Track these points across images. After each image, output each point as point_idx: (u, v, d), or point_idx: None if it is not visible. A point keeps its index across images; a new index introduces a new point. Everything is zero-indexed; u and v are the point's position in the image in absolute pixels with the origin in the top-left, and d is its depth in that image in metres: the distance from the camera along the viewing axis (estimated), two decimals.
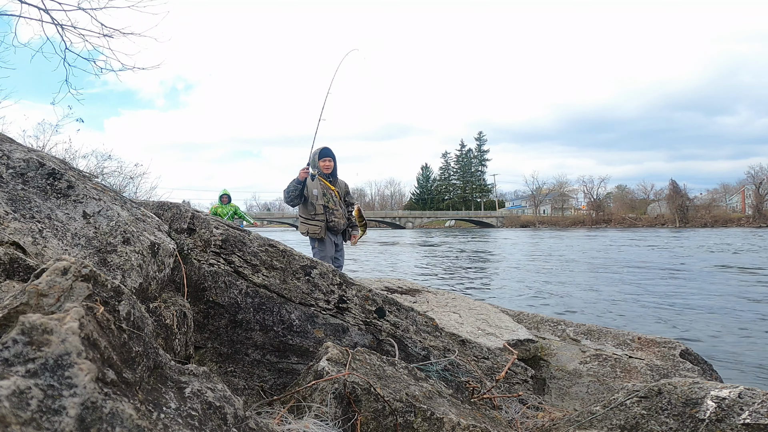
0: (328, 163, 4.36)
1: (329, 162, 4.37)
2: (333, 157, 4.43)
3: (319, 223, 4.27)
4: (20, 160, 1.38)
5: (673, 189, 64.70)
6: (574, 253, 17.45)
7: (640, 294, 8.07)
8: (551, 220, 70.26)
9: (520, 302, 7.44)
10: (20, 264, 1.10)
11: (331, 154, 4.42)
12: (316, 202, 4.28)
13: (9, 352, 0.60)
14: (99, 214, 1.41)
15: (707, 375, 2.83)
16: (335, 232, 4.36)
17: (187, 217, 1.88)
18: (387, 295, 2.08)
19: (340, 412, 1.23)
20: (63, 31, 4.90)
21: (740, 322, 5.86)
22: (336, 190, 4.38)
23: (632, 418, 1.38)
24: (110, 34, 4.90)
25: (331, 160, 4.40)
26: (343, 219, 4.37)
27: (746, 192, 63.90)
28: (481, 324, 2.96)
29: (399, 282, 3.95)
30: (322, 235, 4.28)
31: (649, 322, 5.95)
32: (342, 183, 4.51)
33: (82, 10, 4.77)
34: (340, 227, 4.35)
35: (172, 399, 0.81)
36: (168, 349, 1.32)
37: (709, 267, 12.02)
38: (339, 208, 4.33)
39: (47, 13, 4.73)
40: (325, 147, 4.43)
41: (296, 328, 1.77)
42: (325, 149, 4.41)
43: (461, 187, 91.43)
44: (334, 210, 4.30)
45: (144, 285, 1.36)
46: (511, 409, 1.79)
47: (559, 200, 79.95)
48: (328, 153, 4.41)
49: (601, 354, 2.85)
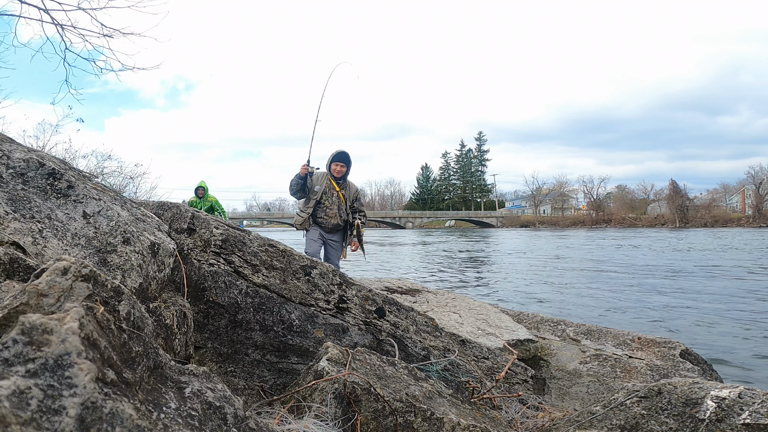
0: (340, 168, 4.40)
1: (341, 167, 4.41)
2: (347, 162, 4.45)
3: (304, 215, 4.36)
4: (20, 160, 1.38)
5: (673, 189, 64.70)
6: (574, 253, 17.45)
7: (640, 294, 8.07)
8: (551, 220, 70.26)
9: (520, 302, 7.43)
10: (20, 264, 1.10)
11: (345, 160, 4.45)
12: (313, 196, 4.37)
13: (9, 352, 0.60)
14: (99, 214, 1.41)
15: (707, 375, 2.83)
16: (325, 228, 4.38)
17: (187, 217, 1.88)
18: (387, 295, 2.08)
19: (340, 412, 1.23)
20: (63, 31, 4.90)
21: (740, 322, 5.86)
22: (342, 192, 4.42)
23: (632, 418, 1.38)
24: (110, 34, 4.90)
25: (344, 165, 4.43)
26: (336, 219, 4.37)
27: (746, 192, 63.90)
28: (481, 324, 2.96)
29: (399, 282, 3.95)
30: (305, 227, 4.36)
31: (649, 322, 5.95)
32: (353, 188, 4.53)
33: (82, 10, 4.77)
34: (329, 225, 4.35)
35: (172, 399, 0.81)
36: (168, 349, 1.32)
37: (708, 267, 12.02)
38: (334, 208, 4.36)
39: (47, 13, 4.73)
40: (341, 151, 4.47)
41: (296, 328, 1.77)
42: (340, 154, 4.45)
43: (461, 187, 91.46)
44: (328, 208, 4.35)
45: (144, 285, 1.36)
46: (511, 409, 1.79)
47: (559, 200, 79.98)
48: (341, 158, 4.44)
49: (601, 354, 2.85)
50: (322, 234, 4.39)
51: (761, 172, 60.53)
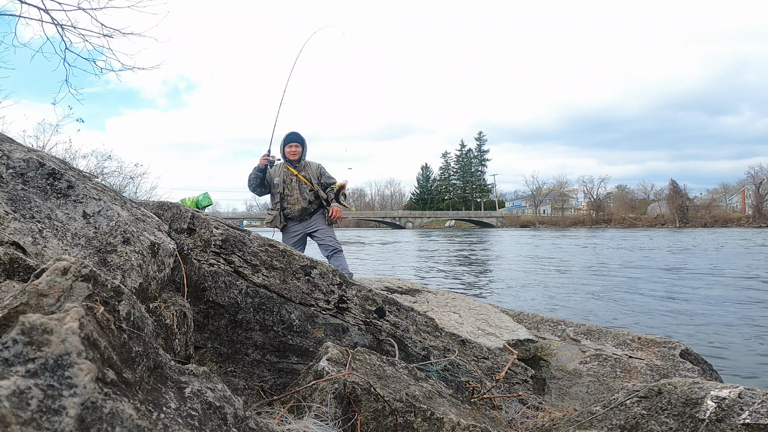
0: (294, 149, 4.12)
1: (295, 147, 4.13)
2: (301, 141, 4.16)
3: (274, 212, 4.14)
4: (20, 160, 1.38)
5: (673, 189, 64.74)
6: (573, 253, 17.45)
7: (640, 294, 8.07)
8: (551, 220, 70.27)
9: (520, 302, 7.43)
10: (20, 264, 1.10)
11: (298, 139, 4.15)
12: (275, 191, 4.14)
13: (9, 352, 0.60)
14: (99, 214, 1.41)
15: (707, 375, 2.83)
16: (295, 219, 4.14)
17: (187, 217, 1.88)
18: (387, 295, 2.08)
19: (340, 412, 1.23)
20: (63, 31, 4.91)
21: (740, 322, 5.86)
22: (302, 175, 4.13)
23: (632, 418, 1.38)
24: (110, 34, 4.91)
25: (299, 145, 4.14)
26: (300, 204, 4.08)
27: (746, 192, 63.91)
28: (481, 324, 2.96)
29: (399, 282, 3.95)
30: (277, 225, 4.14)
31: (649, 322, 5.95)
32: (314, 166, 4.20)
33: (82, 10, 4.77)
34: (295, 213, 4.10)
35: (172, 399, 0.81)
36: (168, 349, 1.32)
37: (708, 267, 12.02)
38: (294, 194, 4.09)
39: (47, 13, 4.74)
40: (291, 132, 4.18)
41: (296, 328, 1.77)
42: (291, 134, 4.16)
43: (461, 187, 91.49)
44: (289, 196, 4.10)
45: (144, 285, 1.36)
46: (511, 409, 1.79)
47: (559, 200, 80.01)
48: (294, 138, 4.14)
49: (601, 354, 2.85)
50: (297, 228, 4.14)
51: (761, 172, 60.57)
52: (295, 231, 4.18)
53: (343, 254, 4.21)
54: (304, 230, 4.19)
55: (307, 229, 4.19)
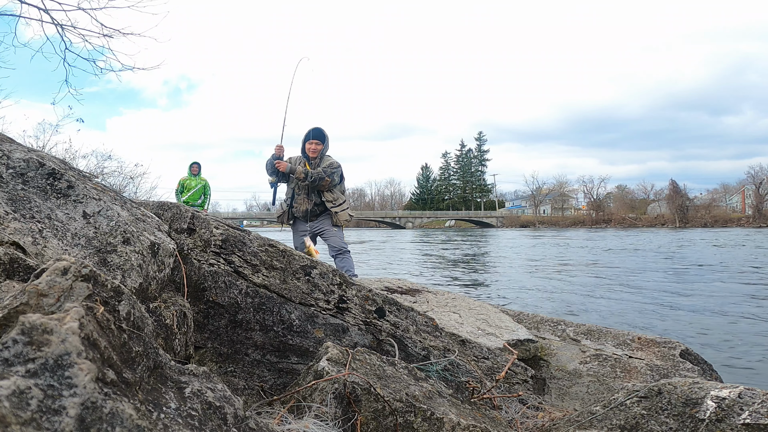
0: (314, 146, 4.01)
1: (315, 145, 4.00)
2: (322, 138, 4.03)
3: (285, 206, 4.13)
4: (20, 160, 1.38)
5: (673, 189, 64.75)
6: (573, 253, 17.45)
7: (640, 294, 8.06)
8: (551, 220, 70.27)
9: (520, 302, 7.43)
10: (20, 264, 1.10)
11: (319, 136, 4.00)
12: (289, 185, 4.09)
13: (9, 352, 0.60)
14: (99, 214, 1.41)
15: (707, 375, 2.82)
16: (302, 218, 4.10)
17: (187, 217, 1.88)
18: (387, 295, 2.08)
19: (340, 412, 1.23)
20: (63, 31, 4.91)
21: (740, 322, 5.86)
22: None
23: (632, 418, 1.38)
24: (110, 34, 4.91)
25: (319, 143, 4.01)
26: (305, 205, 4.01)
27: (746, 192, 63.91)
28: (481, 324, 2.96)
29: (399, 282, 3.95)
30: (283, 220, 4.13)
31: (649, 322, 5.95)
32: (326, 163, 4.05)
33: (82, 10, 4.78)
34: (300, 213, 4.05)
35: (172, 399, 0.81)
36: (168, 349, 1.32)
37: (708, 267, 12.02)
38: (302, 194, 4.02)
39: (47, 13, 4.74)
40: (313, 128, 4.04)
41: (296, 328, 1.77)
42: (312, 130, 4.02)
43: (461, 187, 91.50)
44: (297, 194, 4.05)
45: (144, 285, 1.36)
46: (511, 409, 1.79)
47: (559, 200, 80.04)
48: (315, 134, 4.00)
49: (601, 354, 2.85)
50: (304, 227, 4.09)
51: (761, 172, 60.59)
52: (302, 229, 4.20)
53: (349, 255, 4.20)
54: (311, 230, 4.20)
55: (313, 229, 4.19)
